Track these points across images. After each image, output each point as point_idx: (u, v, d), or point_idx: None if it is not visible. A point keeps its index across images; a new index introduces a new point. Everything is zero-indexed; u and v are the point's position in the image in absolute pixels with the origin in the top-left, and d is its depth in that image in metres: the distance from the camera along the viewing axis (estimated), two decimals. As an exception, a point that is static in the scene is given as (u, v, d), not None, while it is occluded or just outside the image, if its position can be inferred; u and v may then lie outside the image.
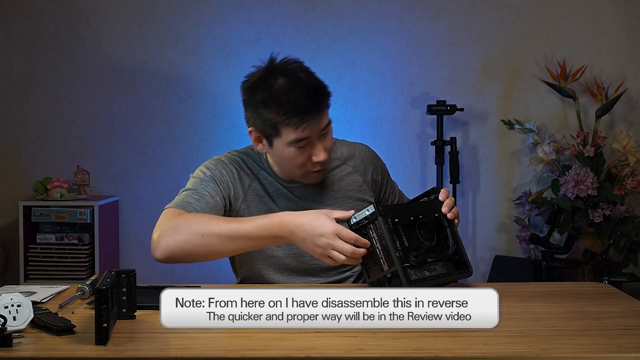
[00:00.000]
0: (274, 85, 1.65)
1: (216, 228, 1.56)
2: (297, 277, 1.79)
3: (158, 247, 1.57)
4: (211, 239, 1.56)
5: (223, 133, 3.51)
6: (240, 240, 1.56)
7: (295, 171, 1.72)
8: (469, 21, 3.51)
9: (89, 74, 3.52)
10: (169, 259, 1.58)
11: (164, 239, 1.57)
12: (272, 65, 1.69)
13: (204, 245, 1.56)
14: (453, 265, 1.59)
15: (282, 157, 1.70)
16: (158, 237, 1.58)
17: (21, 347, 1.22)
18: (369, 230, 1.51)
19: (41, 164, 3.52)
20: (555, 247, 3.28)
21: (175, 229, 1.57)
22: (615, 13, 3.50)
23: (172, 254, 1.57)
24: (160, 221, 1.61)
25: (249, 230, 1.55)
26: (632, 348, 1.23)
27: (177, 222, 1.58)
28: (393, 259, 1.47)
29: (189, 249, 1.56)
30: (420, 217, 1.58)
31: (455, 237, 1.61)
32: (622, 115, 3.50)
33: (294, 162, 1.69)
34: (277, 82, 1.65)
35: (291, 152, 1.67)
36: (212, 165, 1.76)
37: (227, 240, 1.56)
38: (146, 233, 3.54)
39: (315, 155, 1.68)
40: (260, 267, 1.78)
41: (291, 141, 1.65)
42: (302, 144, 1.66)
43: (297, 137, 1.65)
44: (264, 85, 1.67)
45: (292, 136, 1.65)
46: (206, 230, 1.56)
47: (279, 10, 3.51)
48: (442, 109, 3.36)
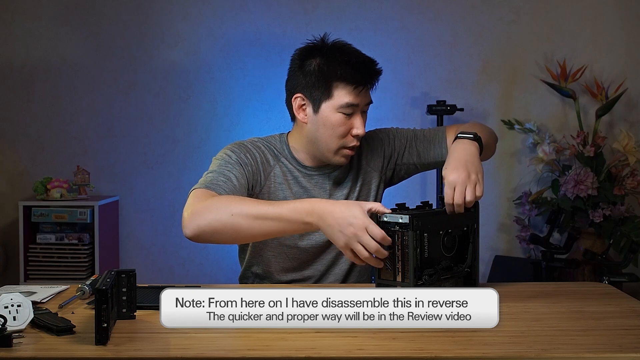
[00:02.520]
0: (333, 50, 1.71)
1: (246, 208, 1.57)
2: (299, 272, 1.80)
3: (189, 225, 1.57)
4: (241, 218, 1.55)
5: (223, 133, 3.51)
6: (268, 222, 1.55)
7: (332, 144, 1.73)
8: (469, 21, 3.51)
9: (89, 74, 3.52)
10: (199, 237, 1.58)
11: (195, 218, 1.57)
12: (325, 41, 1.74)
13: (233, 225, 1.55)
14: (462, 282, 1.61)
15: (325, 124, 1.71)
16: (189, 215, 1.58)
17: (21, 347, 1.22)
18: (395, 236, 1.51)
19: (41, 164, 3.52)
20: (555, 247, 3.28)
21: (207, 208, 1.57)
22: (615, 13, 3.50)
23: (202, 232, 1.57)
24: (191, 201, 1.61)
25: (278, 213, 1.55)
26: (632, 348, 1.23)
27: (209, 202, 1.59)
28: (409, 276, 1.49)
29: (218, 227, 1.56)
30: (449, 231, 1.58)
31: (475, 253, 1.62)
32: (622, 115, 3.51)
33: (335, 130, 1.71)
34: (335, 48, 1.72)
35: (337, 119, 1.70)
36: (236, 149, 1.77)
37: (256, 221, 1.55)
38: (146, 233, 3.59)
39: (356, 128, 1.71)
40: (270, 254, 1.79)
41: (342, 105, 1.69)
42: (349, 110, 1.69)
43: (350, 101, 1.68)
44: (323, 50, 1.72)
45: (344, 99, 1.69)
46: (236, 210, 1.56)
47: (279, 10, 3.51)
48: (442, 109, 3.36)
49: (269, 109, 3.49)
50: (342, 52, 1.71)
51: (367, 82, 1.71)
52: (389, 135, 1.89)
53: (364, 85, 1.70)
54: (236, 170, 1.71)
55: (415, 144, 1.87)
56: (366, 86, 1.71)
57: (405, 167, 1.88)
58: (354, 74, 1.68)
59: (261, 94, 3.50)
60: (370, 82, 1.72)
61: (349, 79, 1.68)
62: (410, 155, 1.88)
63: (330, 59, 1.70)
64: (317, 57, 1.71)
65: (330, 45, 1.73)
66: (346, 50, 1.72)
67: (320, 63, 1.70)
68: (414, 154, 1.87)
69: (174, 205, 3.52)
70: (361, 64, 1.70)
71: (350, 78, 1.68)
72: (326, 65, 1.69)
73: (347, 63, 1.68)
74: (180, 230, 1.63)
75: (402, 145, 1.88)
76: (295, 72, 1.75)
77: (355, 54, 1.71)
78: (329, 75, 1.69)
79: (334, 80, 1.69)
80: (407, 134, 1.89)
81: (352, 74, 1.68)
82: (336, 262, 1.82)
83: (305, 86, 1.72)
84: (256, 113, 3.51)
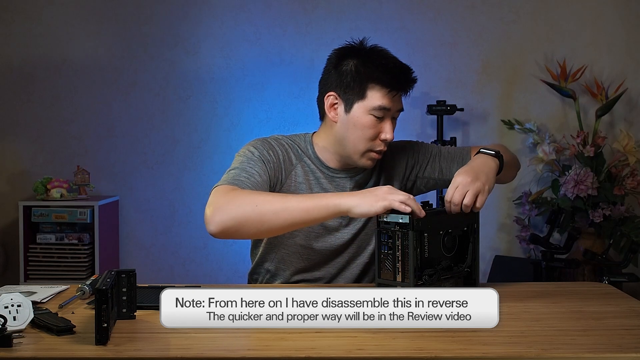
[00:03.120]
0: (371, 53, 1.73)
1: (271, 198, 1.58)
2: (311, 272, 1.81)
3: (212, 221, 1.56)
4: (265, 208, 1.55)
5: (223, 133, 3.51)
6: (295, 211, 1.55)
7: (360, 145, 1.73)
8: (469, 21, 3.51)
9: (89, 74, 3.52)
10: (224, 233, 1.57)
11: (218, 213, 1.56)
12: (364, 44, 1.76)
13: (258, 215, 1.54)
14: (462, 282, 1.61)
15: (355, 125, 1.72)
16: (212, 211, 1.56)
17: (21, 347, 1.22)
18: (396, 236, 1.51)
19: (41, 164, 3.52)
20: (555, 247, 3.28)
21: (230, 203, 1.57)
22: (615, 13, 3.50)
23: (226, 227, 1.56)
24: (213, 197, 1.60)
25: (305, 200, 1.56)
26: (632, 348, 1.23)
27: (231, 196, 1.58)
28: (409, 276, 1.49)
29: (243, 220, 1.55)
30: (449, 231, 1.58)
31: (475, 253, 1.63)
32: (622, 115, 3.51)
33: (365, 132, 1.71)
34: (374, 51, 1.73)
35: (368, 121, 1.70)
36: (259, 145, 1.76)
37: (282, 211, 1.55)
38: (146, 233, 3.59)
39: (385, 132, 1.71)
40: (284, 252, 1.79)
41: (374, 107, 1.69)
42: (381, 113, 1.70)
43: (382, 103, 1.69)
44: (360, 52, 1.73)
45: (377, 102, 1.69)
46: (260, 200, 1.56)
47: (279, 10, 3.51)
48: (442, 109, 3.36)
49: (269, 109, 3.49)
50: (380, 56, 1.72)
51: (402, 88, 1.72)
52: (414, 148, 1.90)
53: (398, 90, 1.71)
54: (258, 167, 1.71)
55: (439, 160, 1.88)
56: (399, 92, 1.72)
57: (426, 181, 1.89)
58: (389, 78, 1.69)
59: (261, 94, 3.50)
60: (405, 88, 1.73)
61: (384, 82, 1.69)
62: (432, 170, 1.88)
63: (367, 60, 1.71)
64: (355, 58, 1.72)
65: (369, 49, 1.74)
66: (384, 54, 1.74)
67: (357, 64, 1.71)
68: (436, 169, 1.87)
69: (174, 205, 3.53)
70: (398, 70, 1.71)
71: (386, 81, 1.69)
72: (363, 66, 1.70)
73: (384, 67, 1.69)
74: (180, 230, 1.63)
75: (425, 159, 1.88)
76: (330, 71, 1.75)
77: (392, 60, 1.73)
78: (365, 77, 1.70)
79: (369, 81, 1.69)
80: (432, 149, 1.90)
81: (387, 77, 1.69)
82: (348, 266, 1.82)
83: (339, 85, 1.73)
84: (256, 113, 3.51)
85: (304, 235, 1.77)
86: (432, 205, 1.62)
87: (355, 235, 1.80)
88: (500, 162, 1.71)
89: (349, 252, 1.81)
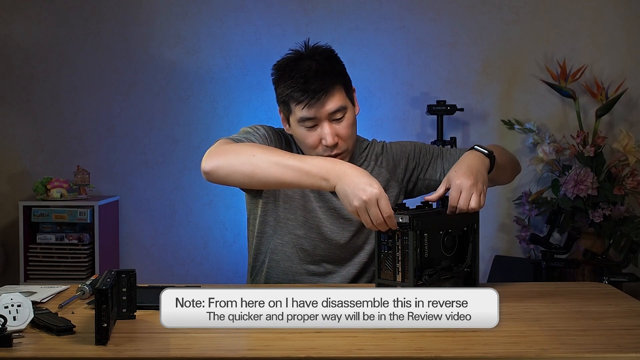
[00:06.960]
0: (286, 70, 1.74)
1: (269, 152, 1.61)
2: (307, 265, 1.81)
3: (208, 159, 1.62)
4: (261, 161, 1.58)
5: (223, 133, 3.51)
6: (287, 170, 1.56)
7: (311, 153, 1.75)
8: (469, 21, 3.51)
9: (89, 74, 3.52)
10: (214, 172, 1.61)
11: (215, 154, 1.63)
12: (300, 50, 1.77)
13: (251, 165, 1.58)
14: (462, 282, 1.61)
15: (297, 137, 1.76)
16: (208, 153, 1.64)
17: (21, 347, 1.22)
18: (396, 235, 1.51)
19: (41, 164, 3.52)
20: (555, 247, 3.28)
21: (230, 149, 1.63)
22: (615, 13, 3.50)
23: (218, 167, 1.61)
24: (215, 144, 1.68)
25: (299, 164, 1.56)
26: (632, 348, 1.23)
27: (233, 144, 1.65)
28: (409, 276, 1.49)
29: (236, 165, 1.60)
30: (449, 231, 1.58)
31: (475, 252, 1.63)
32: (622, 115, 3.50)
33: (305, 142, 1.74)
34: (287, 69, 1.74)
35: (301, 132, 1.73)
36: (260, 126, 1.81)
37: (275, 166, 1.57)
38: (146, 233, 3.59)
39: (324, 138, 1.72)
40: (278, 242, 1.80)
41: (298, 119, 1.72)
42: (309, 123, 1.72)
43: (303, 115, 1.71)
44: (280, 69, 1.76)
45: (299, 114, 1.71)
46: (258, 152, 1.60)
47: (279, 10, 3.51)
48: (442, 109, 3.36)
49: (269, 108, 3.49)
50: (292, 72, 1.72)
51: (317, 92, 1.69)
52: (414, 149, 1.89)
53: (310, 100, 1.69)
54: (264, 130, 1.78)
55: (442, 162, 1.87)
56: (318, 97, 1.69)
57: (427, 183, 1.89)
58: (299, 94, 1.70)
59: (261, 94, 3.50)
60: (321, 92, 1.69)
61: (296, 98, 1.71)
62: (434, 172, 1.87)
63: (281, 79, 1.74)
64: (276, 76, 1.77)
65: (285, 65, 1.75)
66: (297, 68, 1.71)
67: (278, 83, 1.75)
68: (438, 171, 1.87)
69: (174, 205, 3.53)
70: (311, 78, 1.69)
71: (297, 97, 1.70)
72: (281, 86, 1.74)
73: (293, 83, 1.70)
74: (180, 230, 1.64)
75: (426, 161, 1.88)
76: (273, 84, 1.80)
77: (307, 67, 1.70)
78: (284, 95, 1.73)
79: (287, 98, 1.73)
80: (433, 151, 1.90)
81: (298, 93, 1.70)
82: (345, 264, 1.83)
83: (277, 101, 1.79)
84: (256, 113, 3.51)
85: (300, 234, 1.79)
86: (432, 205, 1.62)
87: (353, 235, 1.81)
88: (491, 162, 1.70)
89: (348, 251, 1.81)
